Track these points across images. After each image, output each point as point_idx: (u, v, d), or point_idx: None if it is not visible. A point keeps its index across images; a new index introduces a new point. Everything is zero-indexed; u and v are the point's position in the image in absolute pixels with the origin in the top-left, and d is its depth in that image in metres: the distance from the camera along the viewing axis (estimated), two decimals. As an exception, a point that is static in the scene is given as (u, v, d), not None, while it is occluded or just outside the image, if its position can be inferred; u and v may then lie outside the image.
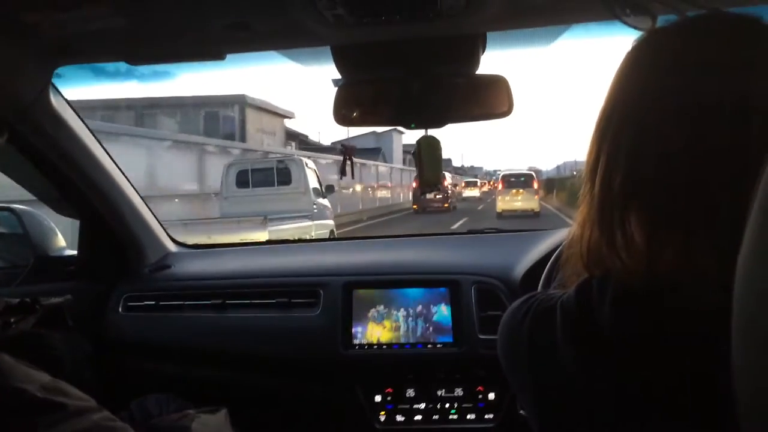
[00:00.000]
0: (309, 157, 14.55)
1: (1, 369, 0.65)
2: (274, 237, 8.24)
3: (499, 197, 21.49)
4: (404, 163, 37.40)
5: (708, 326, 0.50)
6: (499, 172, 30.56)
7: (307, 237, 9.63)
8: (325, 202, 12.31)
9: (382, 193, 26.11)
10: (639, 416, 0.57)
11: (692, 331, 0.54)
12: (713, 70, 0.57)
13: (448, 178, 27.61)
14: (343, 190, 15.33)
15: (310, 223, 10.82)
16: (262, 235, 8.56)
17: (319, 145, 31.81)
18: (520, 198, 20.80)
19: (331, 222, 12.08)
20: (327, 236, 10.60)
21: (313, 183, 12.05)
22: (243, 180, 12.07)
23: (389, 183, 28.12)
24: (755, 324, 0.40)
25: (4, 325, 0.74)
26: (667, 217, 0.59)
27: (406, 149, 38.80)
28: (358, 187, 21.51)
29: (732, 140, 0.55)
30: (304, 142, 29.56)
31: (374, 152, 32.52)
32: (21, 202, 2.02)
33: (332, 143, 34.06)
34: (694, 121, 0.56)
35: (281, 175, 12.01)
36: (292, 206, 11.19)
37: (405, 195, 30.05)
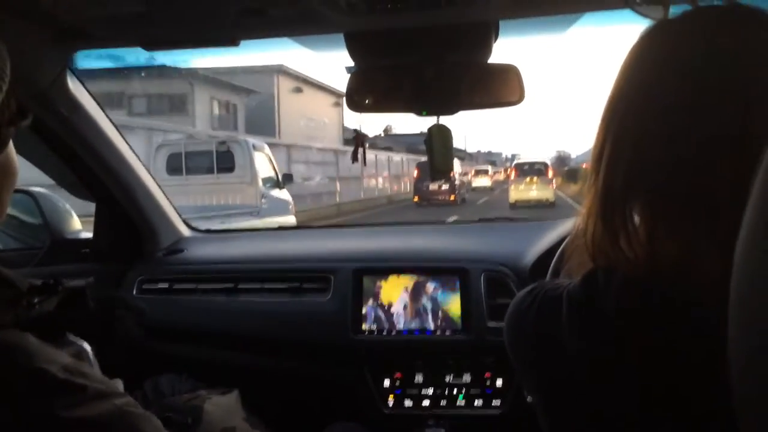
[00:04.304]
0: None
1: (26, 349, 0.64)
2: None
3: (512, 187, 20.69)
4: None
5: (710, 317, 0.50)
6: (518, 157, 28.23)
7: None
8: (281, 194, 10.08)
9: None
10: (642, 403, 0.58)
11: (695, 321, 0.55)
12: (716, 61, 0.57)
13: (457, 166, 21.81)
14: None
15: (255, 221, 8.33)
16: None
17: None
18: (534, 187, 19.99)
19: (291, 218, 9.63)
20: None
21: (264, 171, 9.77)
22: (175, 165, 9.82)
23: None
24: (750, 311, 0.40)
25: (28, 306, 0.74)
26: (669, 210, 0.59)
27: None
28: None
29: (734, 131, 0.55)
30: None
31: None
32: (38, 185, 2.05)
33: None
34: (696, 112, 0.57)
35: (222, 160, 9.74)
36: (235, 199, 9.34)
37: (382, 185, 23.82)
